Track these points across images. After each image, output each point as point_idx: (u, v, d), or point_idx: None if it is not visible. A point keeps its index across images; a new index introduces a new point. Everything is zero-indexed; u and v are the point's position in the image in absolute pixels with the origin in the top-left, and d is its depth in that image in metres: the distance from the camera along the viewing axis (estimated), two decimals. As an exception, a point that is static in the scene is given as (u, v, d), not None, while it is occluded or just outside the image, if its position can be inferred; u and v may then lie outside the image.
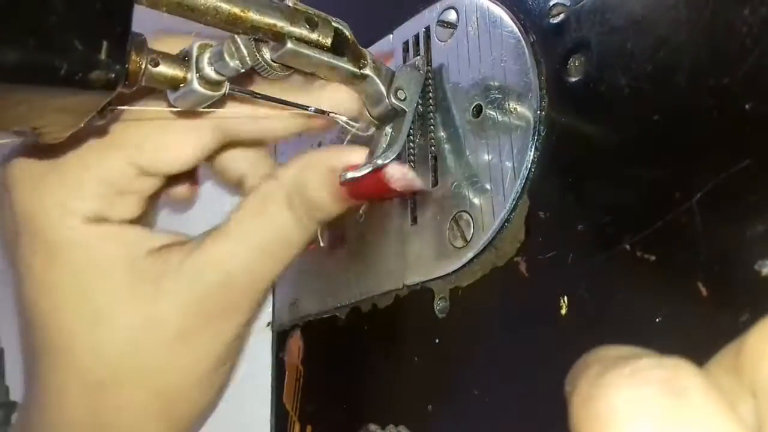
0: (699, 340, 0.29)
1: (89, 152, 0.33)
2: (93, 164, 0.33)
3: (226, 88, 0.35)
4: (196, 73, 0.34)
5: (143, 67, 0.32)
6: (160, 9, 0.31)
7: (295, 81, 0.33)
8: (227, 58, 0.34)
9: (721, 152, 0.29)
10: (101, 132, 0.33)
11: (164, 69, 0.33)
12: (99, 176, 0.33)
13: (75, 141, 0.32)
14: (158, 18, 0.32)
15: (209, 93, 0.34)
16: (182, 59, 0.34)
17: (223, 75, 0.34)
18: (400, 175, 0.35)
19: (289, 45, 0.34)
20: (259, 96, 0.37)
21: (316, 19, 0.35)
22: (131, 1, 0.29)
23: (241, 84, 0.36)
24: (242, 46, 0.34)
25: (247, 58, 0.34)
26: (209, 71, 0.34)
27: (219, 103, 0.36)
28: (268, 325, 0.54)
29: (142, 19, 0.31)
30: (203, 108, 0.35)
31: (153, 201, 0.38)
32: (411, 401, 0.40)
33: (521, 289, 0.35)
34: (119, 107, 0.34)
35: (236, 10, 0.32)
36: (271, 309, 0.53)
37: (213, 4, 0.31)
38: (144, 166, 0.34)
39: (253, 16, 0.33)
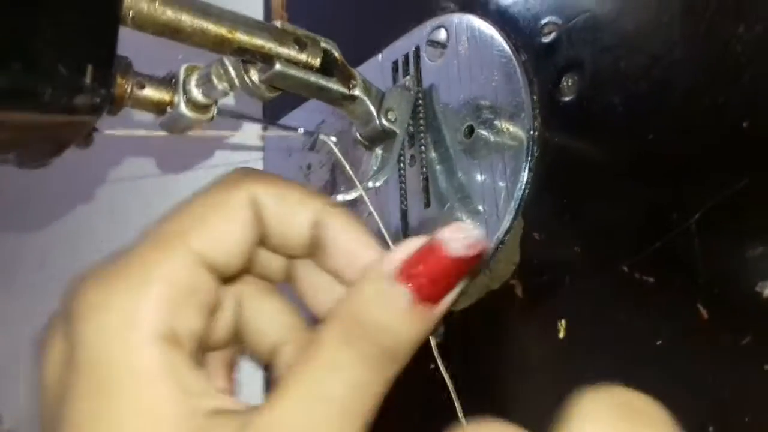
0: (700, 363, 0.28)
1: (151, 250, 0.26)
2: (155, 262, 0.25)
3: (213, 111, 0.34)
4: (184, 95, 0.33)
5: (129, 90, 0.32)
6: (146, 31, 0.30)
7: None
8: (215, 81, 0.33)
9: (719, 171, 0.29)
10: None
11: (150, 92, 0.33)
12: (163, 276, 0.25)
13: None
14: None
15: (197, 116, 0.34)
16: (169, 82, 0.34)
17: (210, 98, 0.34)
18: (458, 243, 0.23)
19: (278, 66, 0.33)
20: (248, 118, 0.36)
21: (305, 39, 0.34)
22: (116, 24, 0.28)
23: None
24: (230, 68, 0.33)
25: (236, 80, 0.33)
26: (197, 94, 0.33)
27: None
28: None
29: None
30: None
31: (228, 368, 0.31)
32: (406, 425, 0.40)
33: (518, 312, 0.35)
34: (105, 132, 0.34)
35: (223, 32, 0.32)
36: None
37: (200, 26, 0.31)
38: (203, 252, 0.26)
39: (241, 37, 0.32)
